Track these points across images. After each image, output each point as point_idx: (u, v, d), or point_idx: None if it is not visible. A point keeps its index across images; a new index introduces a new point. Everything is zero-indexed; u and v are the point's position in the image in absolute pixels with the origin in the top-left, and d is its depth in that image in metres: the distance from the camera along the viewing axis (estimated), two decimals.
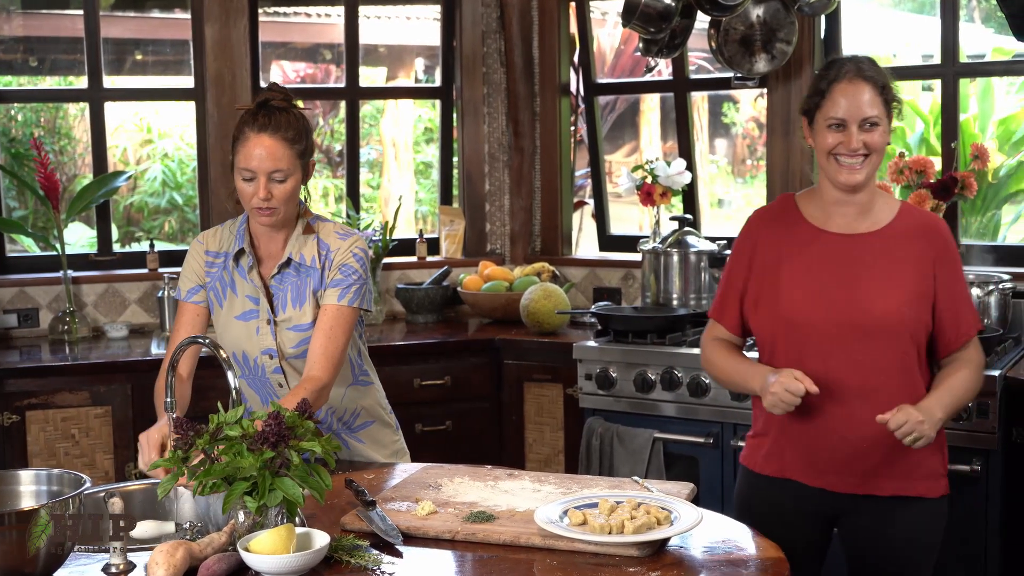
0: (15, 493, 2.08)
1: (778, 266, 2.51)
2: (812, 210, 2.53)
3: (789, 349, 2.47)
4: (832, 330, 2.42)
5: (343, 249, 2.63)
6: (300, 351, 2.62)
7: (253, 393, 2.71)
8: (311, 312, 2.62)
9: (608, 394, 3.86)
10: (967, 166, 4.09)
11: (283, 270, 2.64)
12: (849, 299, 2.42)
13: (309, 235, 2.64)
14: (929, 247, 2.46)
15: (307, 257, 2.62)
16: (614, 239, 5.07)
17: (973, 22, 7.62)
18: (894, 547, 2.49)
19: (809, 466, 2.49)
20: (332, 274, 2.62)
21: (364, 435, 2.79)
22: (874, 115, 2.41)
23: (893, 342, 2.41)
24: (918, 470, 2.46)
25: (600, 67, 7.26)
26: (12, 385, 3.87)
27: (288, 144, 2.53)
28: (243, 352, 2.66)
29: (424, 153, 8.58)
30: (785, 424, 2.48)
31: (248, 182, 2.54)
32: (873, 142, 2.42)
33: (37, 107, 7.69)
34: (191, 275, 2.71)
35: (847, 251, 2.47)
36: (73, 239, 6.68)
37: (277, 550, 1.88)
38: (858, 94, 2.42)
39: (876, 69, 2.46)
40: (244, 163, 2.53)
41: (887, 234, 2.47)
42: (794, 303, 2.46)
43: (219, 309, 2.68)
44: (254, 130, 2.52)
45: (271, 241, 2.65)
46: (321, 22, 8.03)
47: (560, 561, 2.00)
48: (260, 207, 2.54)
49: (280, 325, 2.63)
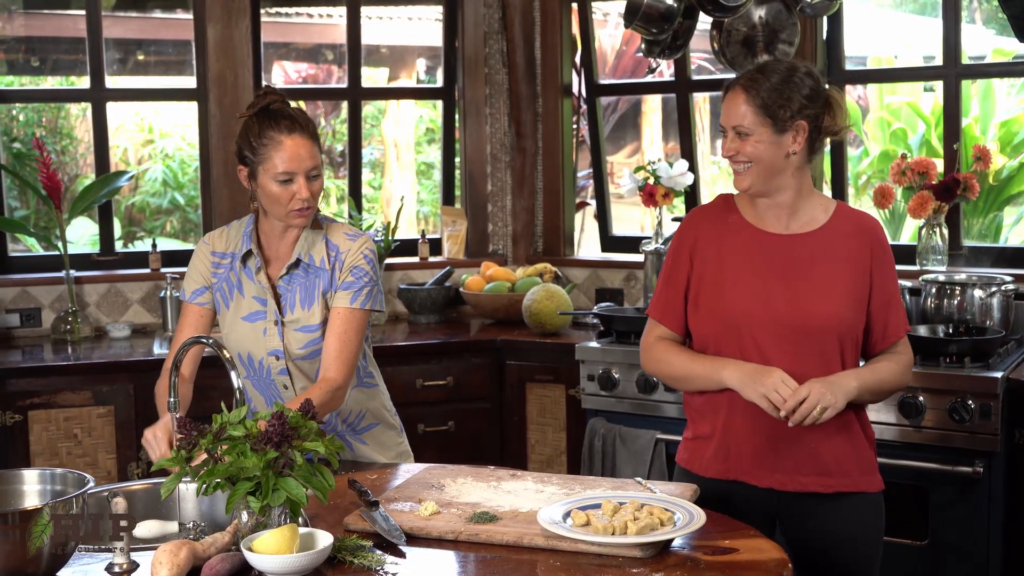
0: (19, 492, 2.08)
1: (720, 264, 2.51)
2: (749, 210, 2.55)
3: (730, 348, 2.46)
4: (772, 329, 2.43)
5: (353, 250, 2.63)
6: (307, 352, 2.62)
7: (258, 394, 2.71)
8: (320, 313, 2.62)
9: (610, 395, 3.86)
10: (969, 168, 4.10)
11: (292, 271, 2.63)
12: (789, 299, 2.43)
13: (317, 234, 2.64)
14: (865, 247, 2.47)
15: (316, 258, 2.62)
16: (616, 240, 5.07)
17: (974, 23, 7.62)
18: (838, 543, 2.49)
19: (756, 466, 2.48)
20: (343, 276, 2.61)
21: (368, 437, 2.79)
22: (742, 125, 2.43)
23: (833, 341, 2.42)
24: (859, 466, 2.47)
25: (602, 68, 7.26)
26: (14, 385, 3.87)
27: (315, 141, 2.57)
28: (248, 353, 2.65)
29: (425, 153, 8.59)
30: (730, 425, 2.48)
31: (285, 185, 2.52)
32: (744, 151, 2.43)
33: (39, 107, 7.69)
34: (196, 276, 2.70)
35: (786, 251, 2.47)
36: (76, 236, 6.68)
37: (280, 550, 1.89)
38: (732, 103, 2.46)
39: (762, 81, 2.43)
40: (285, 166, 2.51)
41: (824, 234, 2.48)
42: (738, 302, 2.46)
43: (225, 310, 2.68)
44: (283, 132, 2.51)
45: (280, 242, 2.65)
46: (323, 23, 8.04)
47: (563, 562, 2.00)
48: (298, 207, 2.54)
49: (288, 326, 2.63)
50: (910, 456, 3.34)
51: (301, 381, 2.65)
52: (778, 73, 2.43)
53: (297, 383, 2.65)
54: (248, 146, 2.54)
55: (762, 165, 2.43)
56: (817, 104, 2.44)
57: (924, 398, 3.32)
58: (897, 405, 3.35)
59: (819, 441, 2.43)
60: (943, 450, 3.31)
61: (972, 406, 3.25)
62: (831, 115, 2.46)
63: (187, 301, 2.71)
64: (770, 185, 2.47)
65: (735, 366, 2.41)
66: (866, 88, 7.68)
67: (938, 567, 3.35)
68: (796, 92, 2.41)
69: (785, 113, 2.41)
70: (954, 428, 3.30)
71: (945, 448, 3.31)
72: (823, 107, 2.45)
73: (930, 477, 3.33)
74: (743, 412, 2.44)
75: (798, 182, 2.48)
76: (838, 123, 2.47)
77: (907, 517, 3.34)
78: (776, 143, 2.42)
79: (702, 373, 2.49)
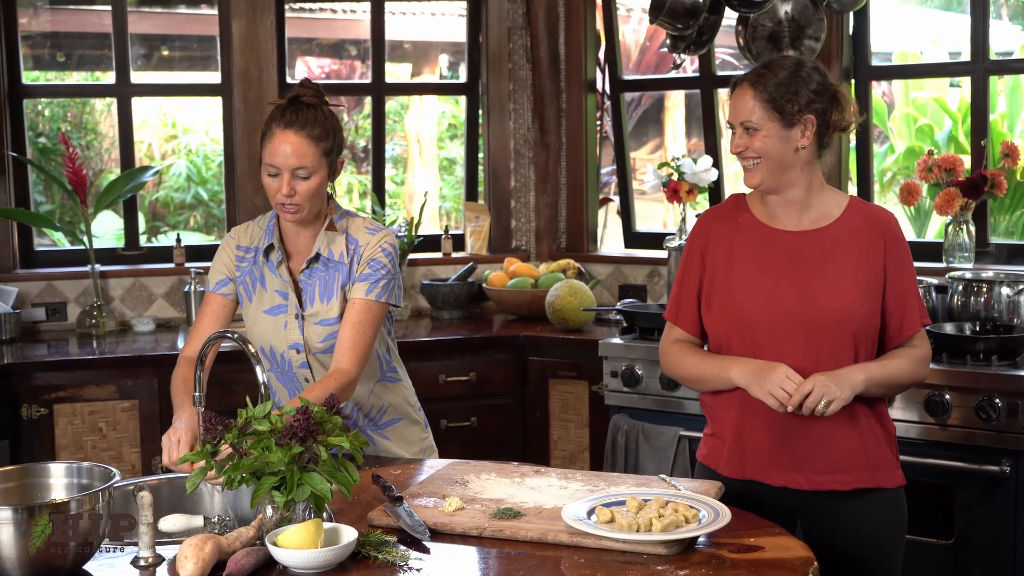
0: (46, 486, 2.09)
1: (730, 264, 2.51)
2: (761, 208, 2.54)
3: (743, 347, 2.46)
4: (785, 327, 2.42)
5: (372, 244, 2.64)
6: (327, 345, 2.63)
7: (281, 387, 2.72)
8: (339, 306, 2.62)
9: (634, 391, 3.86)
10: (996, 164, 4.06)
11: (312, 265, 2.64)
12: (801, 296, 2.43)
13: (337, 231, 2.65)
14: (878, 240, 2.46)
15: (335, 252, 2.63)
16: (640, 236, 5.05)
17: (1000, 19, 7.56)
18: (859, 540, 2.48)
19: (769, 465, 2.48)
20: (360, 268, 2.62)
21: (391, 432, 2.79)
22: (750, 120, 2.42)
23: (846, 338, 2.41)
24: (875, 461, 2.45)
25: (625, 63, 7.24)
26: (40, 379, 3.90)
27: (313, 141, 2.53)
28: (271, 346, 2.67)
29: (449, 149, 8.59)
30: (742, 424, 2.48)
31: (273, 178, 2.55)
32: (753, 147, 2.43)
33: (65, 102, 7.74)
34: (221, 268, 2.72)
35: (797, 248, 2.47)
36: (101, 231, 6.72)
37: (305, 545, 1.89)
38: (740, 99, 2.44)
39: (769, 77, 2.42)
40: (269, 159, 2.54)
41: (836, 229, 2.47)
42: (746, 300, 2.46)
43: (248, 304, 2.69)
44: (280, 126, 2.53)
45: (299, 237, 2.66)
46: (347, 18, 8.05)
47: (587, 559, 2.00)
48: (283, 203, 2.56)
49: (308, 319, 2.64)
50: (936, 455, 3.32)
51: (321, 374, 2.66)
52: (785, 68, 2.43)
53: (317, 376, 2.66)
54: (261, 133, 2.59)
55: (771, 160, 2.43)
56: (824, 98, 2.44)
57: (950, 396, 3.30)
58: (923, 403, 3.33)
59: (830, 438, 2.42)
60: (969, 449, 3.29)
61: (999, 404, 3.23)
62: (839, 110, 2.46)
63: (210, 291, 2.72)
64: (780, 181, 2.46)
65: (742, 364, 2.41)
66: (891, 84, 7.63)
67: (964, 567, 3.33)
68: (803, 86, 2.41)
69: (793, 107, 2.40)
70: (980, 427, 3.27)
71: (971, 447, 3.29)
72: (831, 102, 2.45)
73: (956, 476, 3.30)
74: (755, 411, 2.44)
75: (808, 177, 2.47)
76: (846, 118, 2.47)
77: (933, 516, 3.32)
78: (785, 138, 2.42)
79: (712, 373, 2.49)
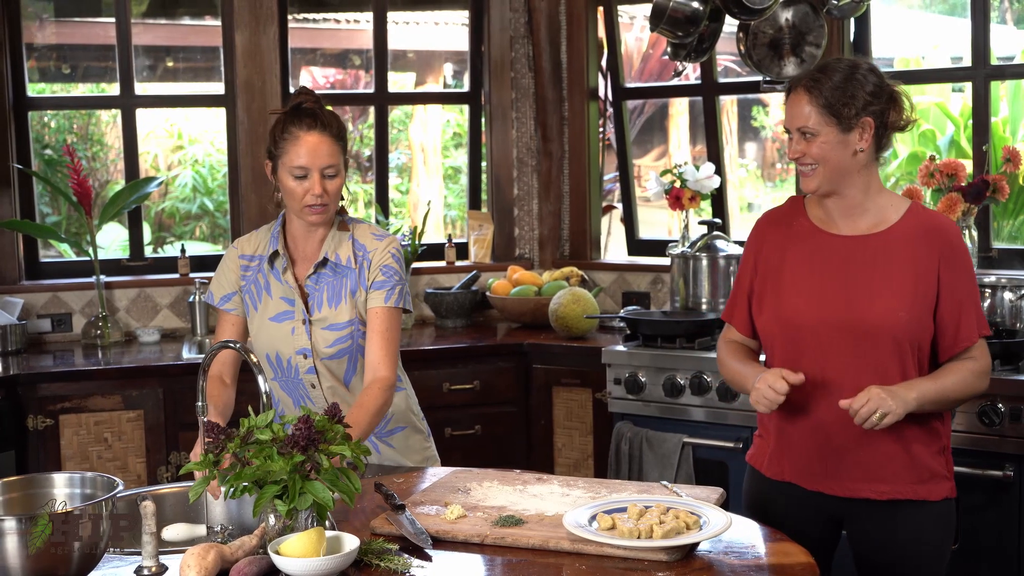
0: (50, 496, 2.10)
1: (780, 267, 2.52)
2: (818, 212, 2.53)
3: (787, 350, 2.47)
4: (827, 332, 2.42)
5: (380, 250, 2.66)
6: (335, 351, 2.64)
7: (285, 396, 2.73)
8: (347, 312, 2.64)
9: (637, 398, 3.86)
10: (999, 169, 4.06)
11: (319, 270, 2.66)
12: (845, 301, 2.42)
13: (344, 233, 2.67)
14: (933, 249, 2.41)
15: (343, 257, 2.65)
16: (643, 243, 5.06)
17: (1005, 24, 7.56)
18: (900, 551, 2.46)
19: (806, 470, 2.48)
20: (373, 275, 2.64)
21: (395, 440, 2.80)
22: (807, 126, 2.41)
23: (888, 345, 2.39)
24: (920, 473, 2.43)
25: (628, 71, 7.26)
26: (45, 389, 3.91)
27: (335, 141, 2.59)
28: (276, 353, 2.68)
29: (453, 158, 8.60)
30: (782, 428, 2.49)
31: (300, 180, 2.57)
32: (811, 152, 2.41)
33: (70, 114, 7.76)
34: (224, 282, 2.74)
35: (848, 253, 2.45)
36: (106, 242, 6.73)
37: (307, 553, 1.90)
38: (796, 104, 2.43)
39: (824, 81, 2.41)
40: (296, 160, 2.56)
41: (890, 236, 2.44)
42: (792, 304, 2.47)
43: (254, 312, 2.71)
44: (303, 128, 2.56)
45: (307, 242, 2.68)
46: (350, 28, 8.06)
47: (589, 565, 2.00)
48: (312, 204, 2.57)
49: (315, 324, 2.65)
50: None
51: (328, 381, 2.67)
52: (840, 71, 2.41)
53: (324, 383, 2.67)
54: (273, 141, 2.61)
55: (829, 165, 2.42)
56: (882, 100, 2.41)
57: None
58: None
59: (869, 447, 2.41)
60: (973, 454, 3.29)
61: (1002, 409, 3.23)
62: (896, 110, 2.44)
63: (217, 306, 2.74)
64: (838, 185, 2.44)
65: (753, 377, 2.42)
66: None
67: (969, 571, 3.33)
68: (860, 89, 2.39)
69: (850, 111, 2.39)
70: (984, 431, 3.27)
71: (975, 452, 3.29)
72: (888, 102, 2.42)
73: (960, 481, 3.28)
74: (796, 415, 2.44)
75: (865, 180, 2.45)
76: (903, 117, 2.45)
77: None
78: (843, 142, 2.40)
79: (739, 381, 2.53)
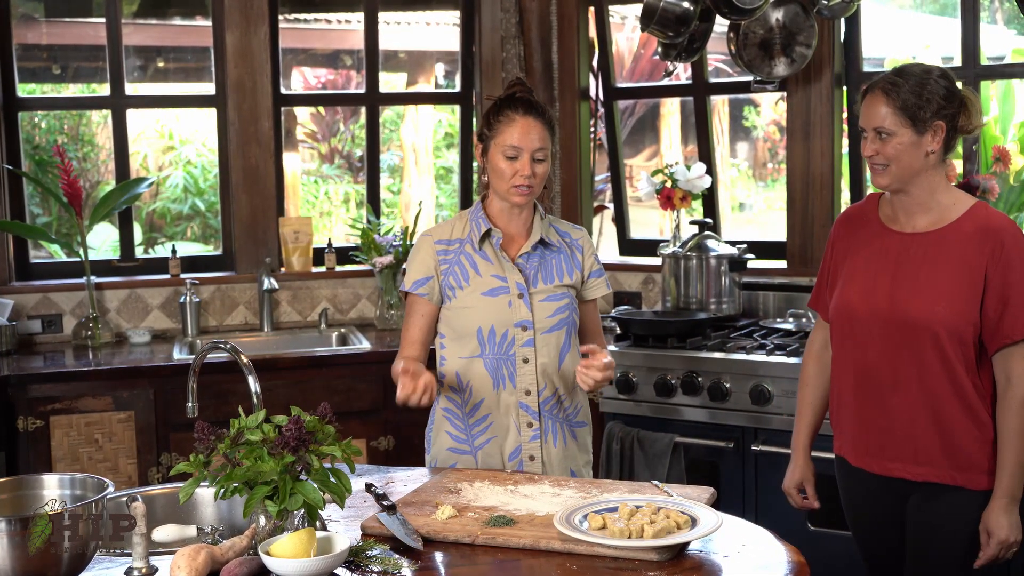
0: (39, 497, 2.10)
1: (846, 259, 2.68)
2: (886, 209, 2.67)
3: (838, 337, 2.67)
4: (871, 323, 2.57)
5: (584, 237, 2.86)
6: (554, 321, 2.73)
7: (486, 374, 2.74)
8: (564, 287, 2.78)
9: (629, 398, 3.86)
10: (989, 168, 4.08)
11: (535, 248, 2.76)
12: (891, 294, 2.55)
13: (544, 219, 2.81)
14: (984, 248, 2.50)
15: (552, 238, 2.79)
16: (634, 243, 5.06)
17: (996, 24, 7.59)
18: (931, 534, 2.57)
19: (853, 446, 2.67)
20: (589, 261, 2.84)
21: (580, 433, 2.85)
22: (883, 126, 2.52)
23: (926, 339, 2.50)
24: (961, 460, 2.52)
25: (619, 71, 7.26)
26: (36, 390, 3.90)
27: (548, 128, 2.73)
28: (491, 327, 2.72)
29: (444, 158, 8.61)
30: (839, 404, 2.70)
31: (511, 160, 2.68)
32: (885, 152, 2.53)
33: (61, 114, 7.75)
34: (420, 267, 2.80)
35: (902, 248, 2.58)
36: (97, 242, 6.72)
37: (298, 554, 1.90)
38: (873, 105, 2.55)
39: (901, 84, 2.52)
40: (510, 140, 2.67)
41: (944, 234, 2.55)
42: (846, 296, 2.64)
43: (460, 292, 2.75)
44: (519, 112, 2.69)
45: (512, 222, 2.78)
46: (341, 28, 8.06)
47: (580, 565, 2.00)
48: (519, 184, 2.68)
49: (534, 296, 2.73)
50: None
51: (544, 353, 2.73)
52: (915, 76, 2.53)
53: (539, 357, 2.73)
54: (487, 123, 2.74)
55: (900, 165, 2.53)
56: (954, 104, 2.53)
57: None
58: None
59: (908, 428, 2.55)
60: None
61: None
62: (966, 115, 2.56)
63: (410, 291, 2.79)
64: (907, 183, 2.56)
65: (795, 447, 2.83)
66: None
67: None
68: (934, 94, 2.51)
69: (925, 114, 2.50)
70: None
71: None
72: (959, 107, 2.54)
73: None
74: (847, 393, 2.65)
75: (932, 180, 2.57)
76: (973, 122, 2.57)
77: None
78: (916, 144, 2.52)
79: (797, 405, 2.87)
